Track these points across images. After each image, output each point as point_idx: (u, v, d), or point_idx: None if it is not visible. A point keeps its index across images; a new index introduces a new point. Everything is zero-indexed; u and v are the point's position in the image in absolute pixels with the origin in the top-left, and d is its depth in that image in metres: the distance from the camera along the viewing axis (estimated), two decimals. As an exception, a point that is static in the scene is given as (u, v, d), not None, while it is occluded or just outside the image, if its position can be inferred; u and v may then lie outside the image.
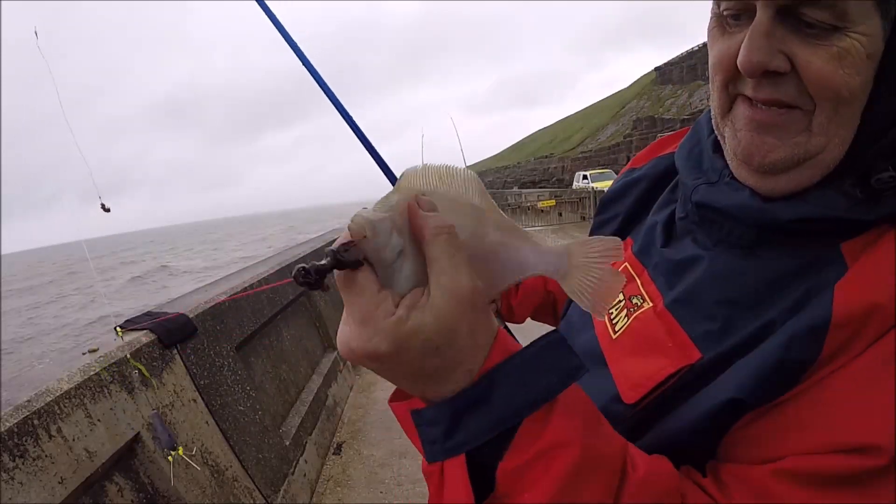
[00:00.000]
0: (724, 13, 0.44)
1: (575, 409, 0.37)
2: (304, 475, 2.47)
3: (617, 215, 0.67)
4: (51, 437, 1.26)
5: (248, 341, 2.49)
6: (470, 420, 0.35)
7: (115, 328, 1.84)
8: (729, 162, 0.49)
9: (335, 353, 3.57)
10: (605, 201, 0.70)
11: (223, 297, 2.31)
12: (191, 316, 2.02)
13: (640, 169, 0.68)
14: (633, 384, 0.49)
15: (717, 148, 0.52)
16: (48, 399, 1.29)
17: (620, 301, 0.57)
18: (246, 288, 2.56)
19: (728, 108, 0.46)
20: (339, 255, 0.32)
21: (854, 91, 0.40)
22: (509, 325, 0.86)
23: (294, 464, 2.41)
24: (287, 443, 2.41)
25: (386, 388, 3.68)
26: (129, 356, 1.62)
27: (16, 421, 1.19)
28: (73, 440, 1.32)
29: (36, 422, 1.24)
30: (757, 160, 0.44)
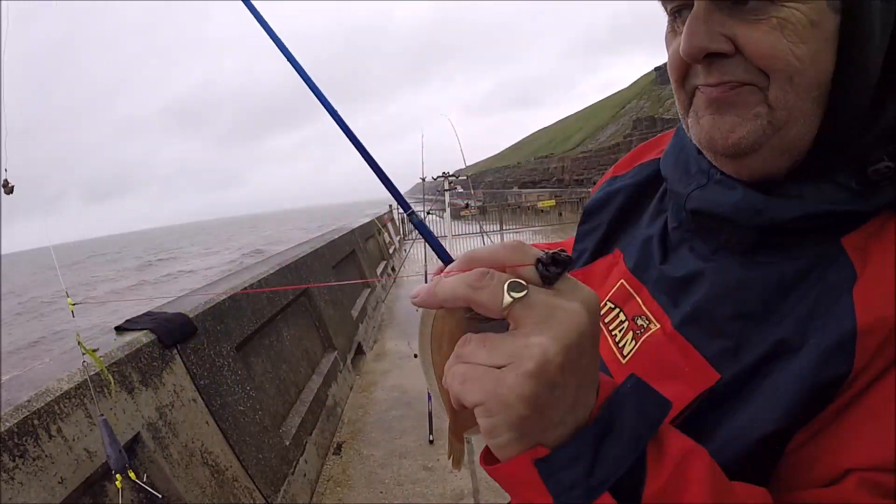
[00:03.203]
0: (671, 11, 0.45)
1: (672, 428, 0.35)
2: (304, 475, 2.46)
3: (600, 225, 0.65)
4: (51, 437, 1.26)
5: (248, 341, 2.49)
6: (609, 447, 0.31)
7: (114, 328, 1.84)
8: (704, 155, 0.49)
9: (335, 352, 3.57)
10: (589, 211, 0.68)
11: (223, 297, 2.31)
12: (191, 316, 2.02)
13: (622, 177, 0.66)
14: None
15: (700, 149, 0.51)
16: (48, 399, 1.29)
17: (624, 322, 0.55)
18: (245, 288, 2.56)
19: (689, 103, 0.46)
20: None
21: (802, 59, 0.39)
22: None
23: (294, 464, 2.41)
24: (287, 443, 2.41)
25: (386, 388, 3.68)
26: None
27: (16, 421, 1.19)
28: (73, 440, 1.32)
29: (36, 422, 1.24)
30: (720, 143, 0.43)
